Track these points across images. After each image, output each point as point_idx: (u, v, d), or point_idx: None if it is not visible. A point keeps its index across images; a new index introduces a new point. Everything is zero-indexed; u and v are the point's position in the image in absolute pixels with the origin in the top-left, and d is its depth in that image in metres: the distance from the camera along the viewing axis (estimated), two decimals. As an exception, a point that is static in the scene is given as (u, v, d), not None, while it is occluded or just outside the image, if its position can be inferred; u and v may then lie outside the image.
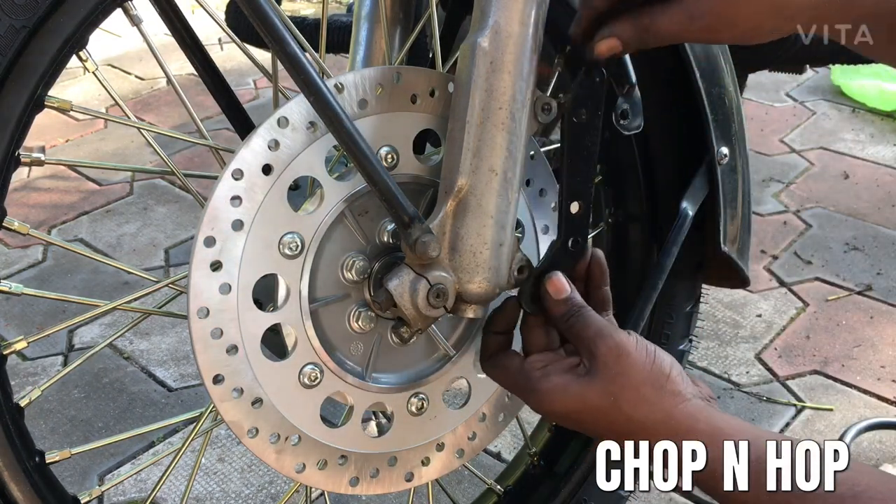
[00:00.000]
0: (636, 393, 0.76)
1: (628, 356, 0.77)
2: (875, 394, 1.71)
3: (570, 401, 0.78)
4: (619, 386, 0.76)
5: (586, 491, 1.16)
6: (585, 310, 0.82)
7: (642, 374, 0.77)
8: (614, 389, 0.76)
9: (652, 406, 0.76)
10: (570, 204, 0.84)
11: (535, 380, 0.80)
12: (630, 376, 0.76)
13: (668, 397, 0.76)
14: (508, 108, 0.79)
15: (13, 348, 0.82)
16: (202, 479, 1.54)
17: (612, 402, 0.76)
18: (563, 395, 0.78)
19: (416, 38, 1.00)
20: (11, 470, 0.81)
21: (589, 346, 0.79)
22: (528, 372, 0.81)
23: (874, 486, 0.71)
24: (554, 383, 0.79)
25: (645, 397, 0.76)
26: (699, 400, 0.77)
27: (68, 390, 1.72)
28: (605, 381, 0.77)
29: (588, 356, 0.79)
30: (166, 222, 2.25)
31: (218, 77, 0.96)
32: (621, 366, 0.77)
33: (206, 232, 0.76)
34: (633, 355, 0.77)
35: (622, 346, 0.77)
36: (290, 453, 0.85)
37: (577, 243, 0.85)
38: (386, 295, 0.81)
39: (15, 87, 0.74)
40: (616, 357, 0.77)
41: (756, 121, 2.70)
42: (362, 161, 0.76)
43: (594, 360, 0.78)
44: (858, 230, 2.20)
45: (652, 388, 0.76)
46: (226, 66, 2.87)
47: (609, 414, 0.77)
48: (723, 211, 1.04)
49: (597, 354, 0.78)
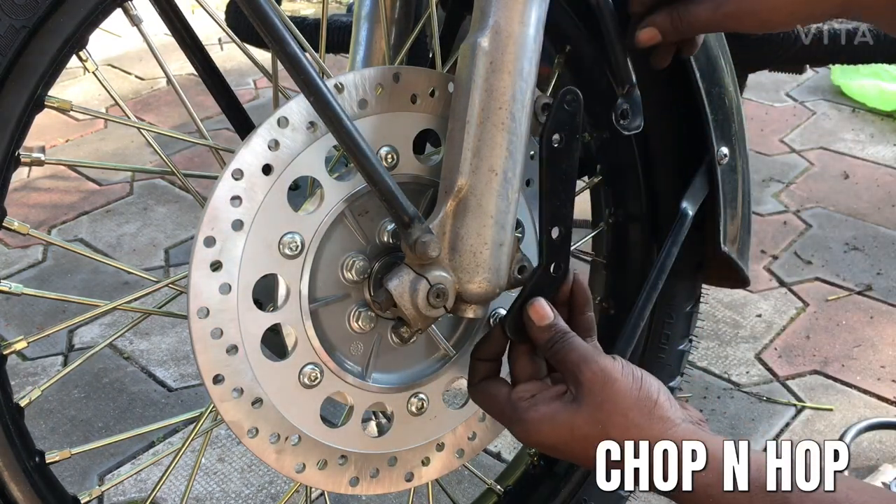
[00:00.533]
0: (624, 419, 0.76)
1: (614, 382, 0.76)
2: (875, 394, 1.71)
3: (558, 430, 0.77)
4: (606, 413, 0.76)
5: (586, 491, 1.16)
6: (569, 335, 0.81)
7: (629, 399, 0.76)
8: (602, 417, 0.76)
9: (641, 431, 0.75)
10: (550, 229, 0.83)
11: (521, 410, 0.79)
12: (617, 402, 0.76)
13: (656, 423, 0.76)
14: (508, 108, 0.79)
15: (13, 348, 0.82)
16: (202, 479, 1.54)
17: (600, 429, 0.76)
18: (551, 424, 0.78)
19: (416, 38, 1.00)
20: (11, 470, 0.80)
21: (574, 371, 0.78)
22: (515, 402, 0.80)
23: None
24: (541, 413, 0.78)
25: (634, 423, 0.76)
26: (689, 424, 0.77)
27: (68, 390, 1.72)
28: (591, 407, 0.76)
29: (574, 383, 0.78)
30: (166, 222, 2.25)
31: (218, 77, 0.96)
32: (607, 392, 0.76)
33: (206, 232, 0.76)
34: (620, 381, 0.76)
35: (607, 371, 0.77)
36: (290, 453, 0.85)
37: (559, 268, 0.84)
38: (386, 295, 0.81)
39: (15, 87, 0.74)
40: (602, 383, 0.76)
41: (756, 121, 2.70)
42: (362, 161, 0.76)
43: (580, 387, 0.77)
44: (858, 230, 2.20)
45: (640, 413, 0.76)
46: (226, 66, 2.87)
47: (598, 441, 0.76)
48: (723, 211, 1.04)
49: (582, 381, 0.77)
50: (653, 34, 0.83)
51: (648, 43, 0.84)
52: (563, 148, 0.82)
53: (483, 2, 0.79)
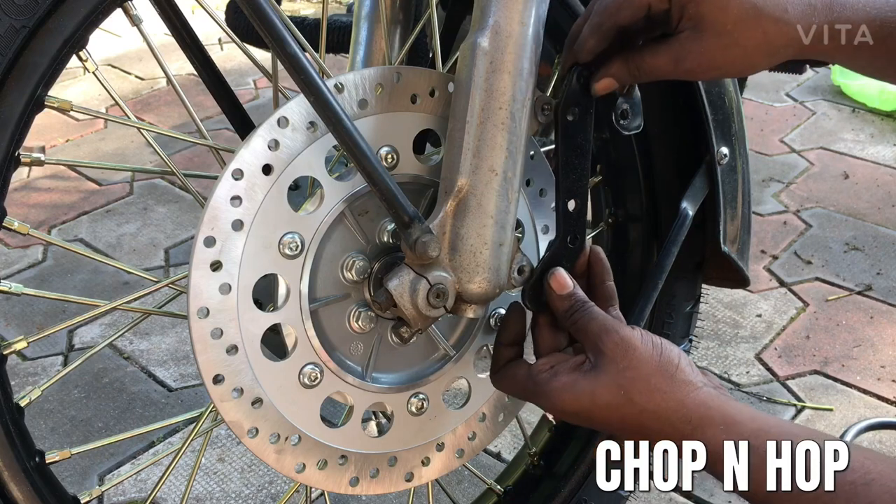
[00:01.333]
0: (647, 384, 0.76)
1: (635, 350, 0.77)
2: (875, 394, 1.71)
3: (580, 398, 0.78)
4: (628, 379, 0.76)
5: (586, 491, 1.16)
6: (589, 305, 0.82)
7: (651, 365, 0.77)
8: (624, 383, 0.76)
9: (664, 395, 0.76)
10: (566, 202, 0.84)
11: (543, 382, 0.80)
12: (639, 369, 0.77)
13: (679, 386, 0.76)
14: (508, 107, 0.79)
15: (13, 348, 0.82)
16: (202, 479, 1.54)
17: (622, 395, 0.76)
18: (573, 392, 0.78)
19: (416, 38, 1.00)
20: (11, 470, 0.80)
21: (594, 341, 0.79)
22: (535, 376, 0.81)
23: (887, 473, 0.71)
24: (562, 382, 0.79)
25: (656, 387, 0.76)
26: (710, 388, 0.77)
27: (68, 390, 1.72)
28: (613, 375, 0.77)
29: (594, 352, 0.79)
30: (166, 222, 2.25)
31: (218, 77, 0.96)
32: (629, 359, 0.77)
33: (206, 232, 0.76)
34: (640, 348, 0.77)
35: (627, 340, 0.78)
36: (290, 453, 0.85)
37: (576, 240, 0.85)
38: (386, 295, 0.81)
39: (15, 87, 0.74)
40: (623, 351, 0.77)
41: (756, 121, 2.70)
42: (362, 161, 0.76)
43: (601, 356, 0.78)
44: (858, 230, 2.20)
45: (662, 378, 0.76)
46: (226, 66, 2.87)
47: (621, 408, 0.77)
48: (723, 211, 1.04)
49: (603, 350, 0.78)
50: (609, 84, 0.82)
51: (604, 92, 0.83)
52: (578, 122, 0.83)
53: (483, 2, 0.79)
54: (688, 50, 0.77)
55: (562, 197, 0.85)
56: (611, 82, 0.82)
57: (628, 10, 0.78)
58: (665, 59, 0.79)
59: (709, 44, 0.77)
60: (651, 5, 0.77)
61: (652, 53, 0.80)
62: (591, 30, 0.80)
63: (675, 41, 0.78)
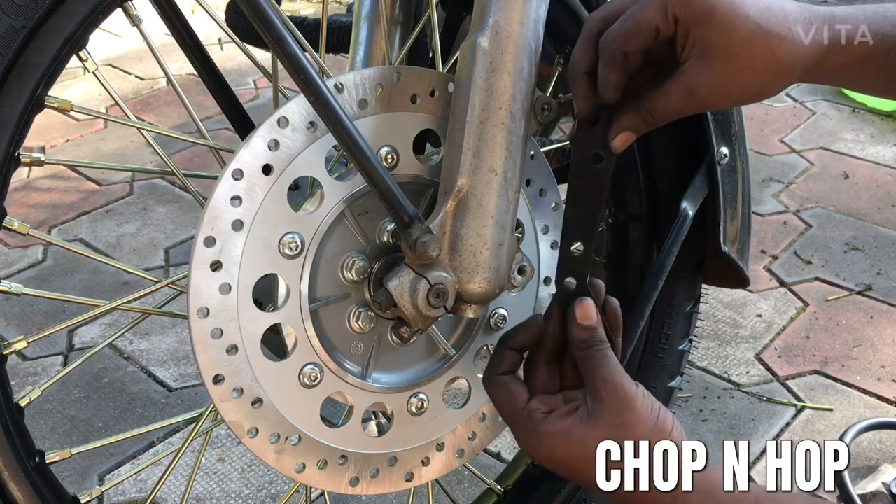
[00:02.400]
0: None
1: (634, 410, 0.77)
2: (875, 394, 1.71)
3: (571, 446, 0.78)
4: (621, 437, 0.77)
5: (586, 491, 1.16)
6: (606, 346, 0.81)
7: (645, 428, 0.77)
8: (617, 440, 0.77)
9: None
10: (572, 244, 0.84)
11: (537, 421, 0.79)
12: (632, 428, 0.77)
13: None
14: (508, 107, 0.79)
15: (13, 348, 0.82)
16: (202, 479, 1.54)
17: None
18: (566, 438, 0.78)
19: (416, 38, 1.00)
20: (11, 470, 0.80)
21: (599, 386, 0.78)
22: (532, 412, 0.80)
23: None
24: (557, 427, 0.78)
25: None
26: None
27: (68, 390, 1.72)
28: (608, 429, 0.77)
29: (594, 398, 0.79)
30: (166, 222, 2.25)
31: (218, 77, 0.96)
32: (626, 417, 0.77)
33: (206, 232, 0.76)
34: (639, 409, 0.77)
35: (630, 398, 0.77)
36: (290, 453, 0.85)
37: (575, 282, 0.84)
38: (386, 295, 0.81)
39: (15, 87, 0.74)
40: (623, 408, 0.77)
41: (756, 121, 2.70)
42: (362, 161, 0.76)
43: (599, 405, 0.78)
44: (858, 230, 2.20)
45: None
46: (226, 66, 2.87)
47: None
48: (723, 211, 1.04)
49: (604, 399, 0.78)
50: (628, 138, 0.80)
51: (624, 147, 0.80)
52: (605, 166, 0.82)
53: (483, 2, 0.79)
54: (698, 81, 0.75)
55: (567, 240, 0.83)
56: (629, 136, 0.80)
57: (637, 38, 0.75)
58: (676, 96, 0.76)
59: (719, 70, 0.74)
60: (659, 29, 0.75)
61: (662, 95, 0.77)
62: (608, 65, 0.77)
63: (682, 74, 0.76)
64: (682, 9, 0.73)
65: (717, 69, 0.74)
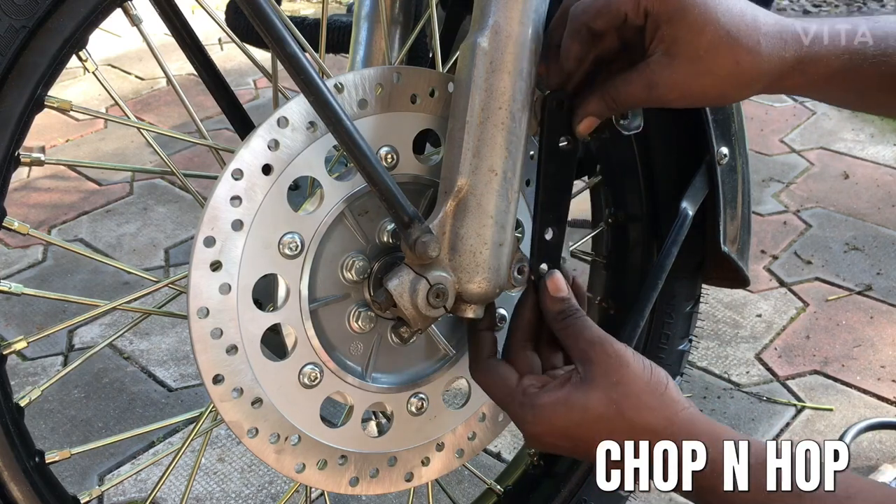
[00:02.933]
0: (638, 400, 0.76)
1: (627, 366, 0.77)
2: (875, 394, 1.71)
3: (573, 411, 0.77)
4: (620, 394, 0.76)
5: (586, 491, 1.16)
6: (582, 313, 0.82)
7: (641, 382, 0.77)
8: (616, 397, 0.76)
9: (654, 412, 0.76)
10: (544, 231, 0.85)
11: (533, 395, 0.79)
12: (630, 385, 0.77)
13: (668, 404, 0.77)
14: (508, 107, 0.79)
15: (13, 348, 0.82)
16: (202, 479, 1.54)
17: (614, 409, 0.76)
18: (565, 406, 0.77)
19: (416, 37, 1.00)
20: (11, 470, 0.80)
21: (586, 351, 0.79)
22: (526, 388, 0.80)
23: (867, 489, 0.71)
24: (555, 397, 0.78)
25: (647, 404, 0.76)
26: (695, 410, 0.78)
27: (68, 390, 1.72)
28: (605, 388, 0.77)
29: (583, 362, 0.79)
30: (166, 222, 2.25)
31: (218, 77, 0.96)
32: (620, 374, 0.77)
33: (206, 232, 0.76)
34: (632, 365, 0.77)
35: (620, 354, 0.78)
36: (290, 453, 0.85)
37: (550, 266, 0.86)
38: (386, 295, 0.81)
39: (15, 87, 0.74)
40: (616, 366, 0.77)
41: (756, 121, 2.70)
42: (362, 161, 0.76)
43: (591, 367, 0.78)
44: (858, 230, 2.20)
45: (652, 396, 0.77)
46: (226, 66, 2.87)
47: (612, 421, 0.77)
48: (723, 211, 1.04)
49: (595, 361, 0.78)
50: (591, 123, 0.82)
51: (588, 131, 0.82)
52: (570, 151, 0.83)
53: (483, 2, 0.79)
54: (659, 76, 0.76)
55: (540, 226, 0.84)
56: (592, 121, 0.81)
57: (604, 18, 0.76)
58: (638, 86, 0.77)
59: (681, 70, 0.75)
60: (627, 16, 0.75)
61: (625, 82, 0.78)
62: (570, 36, 0.78)
63: (646, 66, 0.77)
64: (655, 4, 0.74)
65: (680, 69, 0.75)
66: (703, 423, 0.77)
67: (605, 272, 1.18)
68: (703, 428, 0.76)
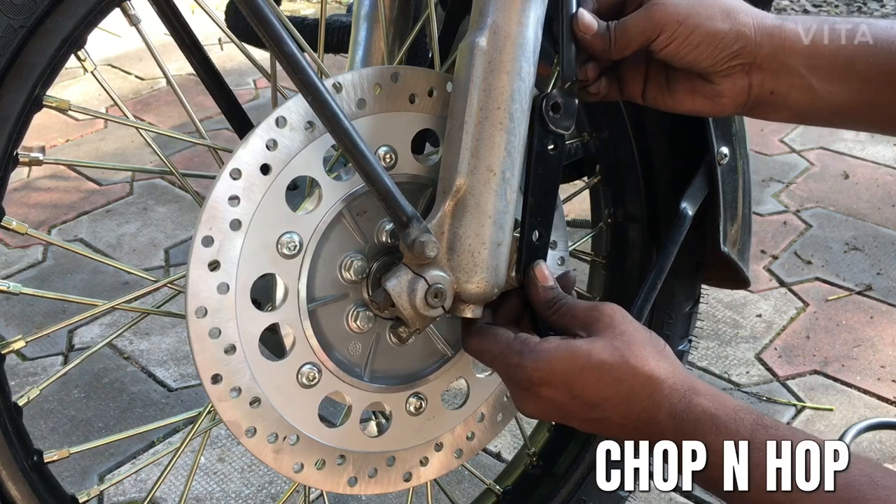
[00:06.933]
0: (642, 349, 0.77)
1: (630, 322, 0.79)
2: (875, 394, 1.71)
3: (576, 357, 0.76)
4: (625, 342, 0.77)
5: (585, 491, 1.16)
6: (570, 297, 0.83)
7: (643, 336, 0.79)
8: (620, 345, 0.77)
9: (658, 361, 0.78)
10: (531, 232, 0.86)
11: (535, 342, 0.78)
12: (634, 336, 0.78)
13: (668, 360, 0.79)
14: (507, 107, 0.79)
15: (12, 348, 0.82)
16: (202, 479, 1.54)
17: (619, 355, 0.77)
18: (569, 351, 0.77)
19: (415, 37, 1.00)
20: (9, 469, 0.80)
21: (587, 315, 0.80)
22: (526, 338, 0.80)
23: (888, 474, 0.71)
24: (555, 344, 0.78)
25: (651, 353, 0.78)
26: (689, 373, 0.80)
27: (68, 390, 1.72)
28: (610, 337, 0.78)
29: (587, 325, 0.79)
30: (166, 222, 2.25)
31: (217, 77, 0.96)
32: (625, 325, 0.78)
33: (205, 231, 0.76)
34: (633, 323, 0.79)
35: (622, 312, 0.80)
36: (289, 453, 0.84)
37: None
38: (384, 295, 0.81)
39: (13, 87, 0.74)
40: (620, 320, 0.79)
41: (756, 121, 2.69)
42: (360, 161, 0.76)
43: (595, 324, 0.79)
44: (858, 230, 2.20)
45: (654, 350, 0.78)
46: (226, 66, 2.87)
47: (616, 369, 0.76)
48: (723, 211, 1.04)
49: (599, 318, 0.79)
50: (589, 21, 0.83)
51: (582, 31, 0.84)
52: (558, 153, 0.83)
53: (481, 2, 0.79)
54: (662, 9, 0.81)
55: (528, 228, 0.84)
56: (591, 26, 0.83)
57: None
58: (639, 16, 0.82)
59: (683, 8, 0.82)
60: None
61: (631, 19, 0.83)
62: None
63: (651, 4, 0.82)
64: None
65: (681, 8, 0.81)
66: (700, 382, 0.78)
67: (604, 272, 1.18)
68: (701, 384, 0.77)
